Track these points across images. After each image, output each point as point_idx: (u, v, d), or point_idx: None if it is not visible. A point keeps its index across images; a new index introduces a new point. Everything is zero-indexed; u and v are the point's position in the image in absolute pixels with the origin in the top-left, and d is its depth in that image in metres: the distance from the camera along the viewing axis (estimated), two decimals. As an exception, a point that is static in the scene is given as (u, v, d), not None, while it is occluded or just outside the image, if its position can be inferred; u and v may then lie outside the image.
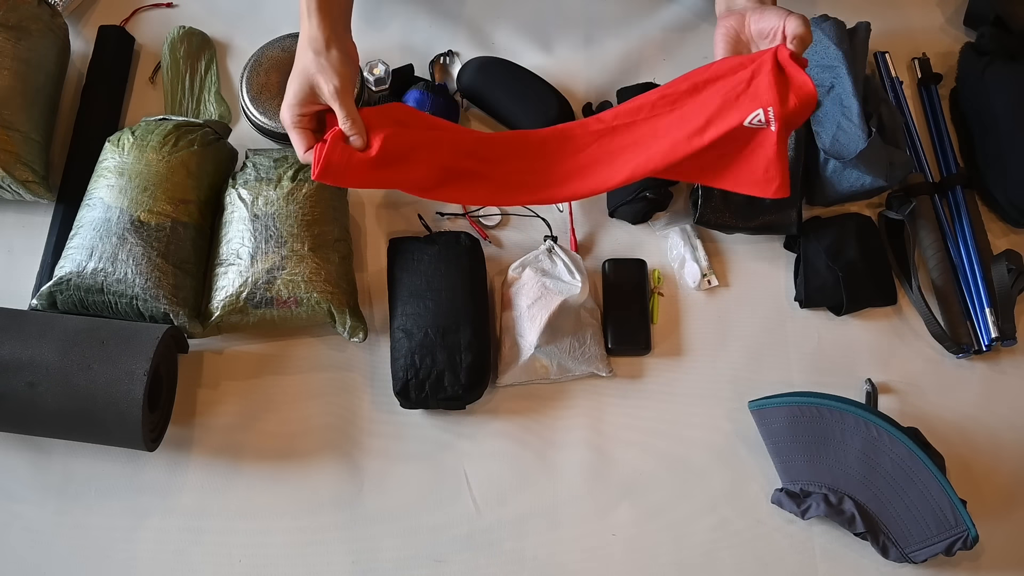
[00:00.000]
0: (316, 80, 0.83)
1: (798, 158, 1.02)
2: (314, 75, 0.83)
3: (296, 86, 0.84)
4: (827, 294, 1.00)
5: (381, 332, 1.00)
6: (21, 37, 1.02)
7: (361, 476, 0.94)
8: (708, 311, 1.02)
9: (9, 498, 0.93)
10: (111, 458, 0.94)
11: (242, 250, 0.94)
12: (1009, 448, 0.96)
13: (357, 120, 0.83)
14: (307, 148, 0.85)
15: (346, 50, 0.86)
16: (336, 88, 0.82)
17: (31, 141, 1.01)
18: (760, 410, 0.94)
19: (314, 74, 0.83)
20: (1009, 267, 0.99)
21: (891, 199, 1.05)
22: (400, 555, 0.91)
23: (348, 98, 0.83)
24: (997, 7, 1.10)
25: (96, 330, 0.89)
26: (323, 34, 0.84)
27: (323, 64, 0.83)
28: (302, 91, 0.84)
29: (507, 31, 1.16)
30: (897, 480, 0.88)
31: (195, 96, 1.10)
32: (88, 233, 0.93)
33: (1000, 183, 1.03)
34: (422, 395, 0.93)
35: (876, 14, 1.11)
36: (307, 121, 0.85)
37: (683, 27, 1.17)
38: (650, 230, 1.06)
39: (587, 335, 0.97)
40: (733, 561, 0.92)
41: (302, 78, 0.84)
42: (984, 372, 1.00)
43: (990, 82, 1.06)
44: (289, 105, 0.85)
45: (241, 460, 0.95)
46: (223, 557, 0.91)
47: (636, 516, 0.93)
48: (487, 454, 0.95)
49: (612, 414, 0.97)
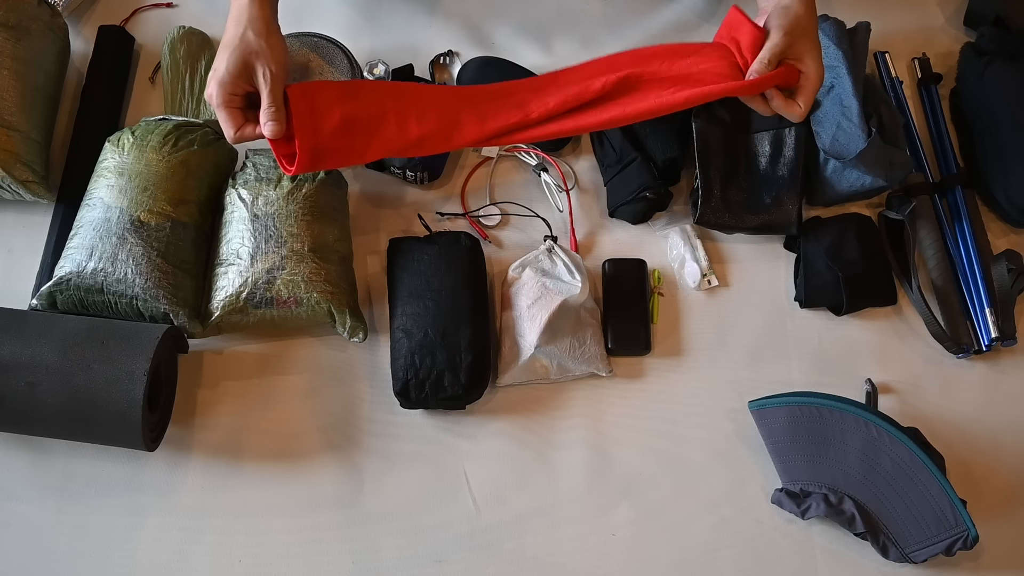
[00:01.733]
0: (253, 61, 0.82)
1: (798, 158, 1.02)
2: (253, 56, 0.82)
3: (230, 63, 0.82)
4: (827, 294, 1.00)
5: (381, 332, 1.00)
6: (21, 37, 1.02)
7: (361, 476, 0.94)
8: (708, 311, 1.02)
9: (9, 498, 0.93)
10: (111, 458, 0.94)
11: (242, 250, 0.94)
12: (1009, 448, 0.96)
13: (280, 108, 0.82)
14: (236, 128, 0.83)
15: (280, 34, 0.86)
16: (272, 73, 0.82)
17: (31, 141, 1.01)
18: (760, 410, 0.94)
19: (253, 54, 0.82)
20: (1009, 267, 0.99)
21: (891, 199, 1.05)
22: (400, 555, 0.91)
23: (279, 87, 0.83)
24: (997, 7, 1.10)
25: (96, 330, 0.89)
26: (263, 15, 0.83)
27: (263, 46, 0.82)
28: (235, 69, 0.82)
29: (507, 31, 1.16)
30: (897, 480, 0.88)
31: (195, 96, 1.10)
32: (88, 233, 0.93)
33: (1000, 183, 1.03)
34: (422, 395, 0.93)
35: (876, 14, 1.11)
36: (239, 100, 0.84)
37: (683, 27, 1.17)
38: (650, 230, 1.06)
39: (587, 335, 0.97)
40: (733, 561, 0.92)
41: (237, 56, 0.82)
42: (984, 372, 1.00)
43: (990, 82, 1.06)
44: (221, 83, 0.82)
45: (241, 460, 0.95)
46: (223, 557, 0.91)
47: (636, 516, 0.93)
48: (487, 454, 0.95)
49: (612, 414, 0.97)
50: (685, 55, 0.91)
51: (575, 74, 0.92)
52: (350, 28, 1.14)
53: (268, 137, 0.83)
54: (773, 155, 1.03)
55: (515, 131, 0.90)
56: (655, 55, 0.91)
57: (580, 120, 0.90)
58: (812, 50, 0.86)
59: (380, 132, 0.86)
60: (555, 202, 1.07)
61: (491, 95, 0.92)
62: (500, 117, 0.90)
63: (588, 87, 0.89)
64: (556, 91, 0.91)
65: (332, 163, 0.88)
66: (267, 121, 0.82)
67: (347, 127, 0.84)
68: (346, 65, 1.05)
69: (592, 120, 0.90)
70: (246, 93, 0.85)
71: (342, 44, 1.07)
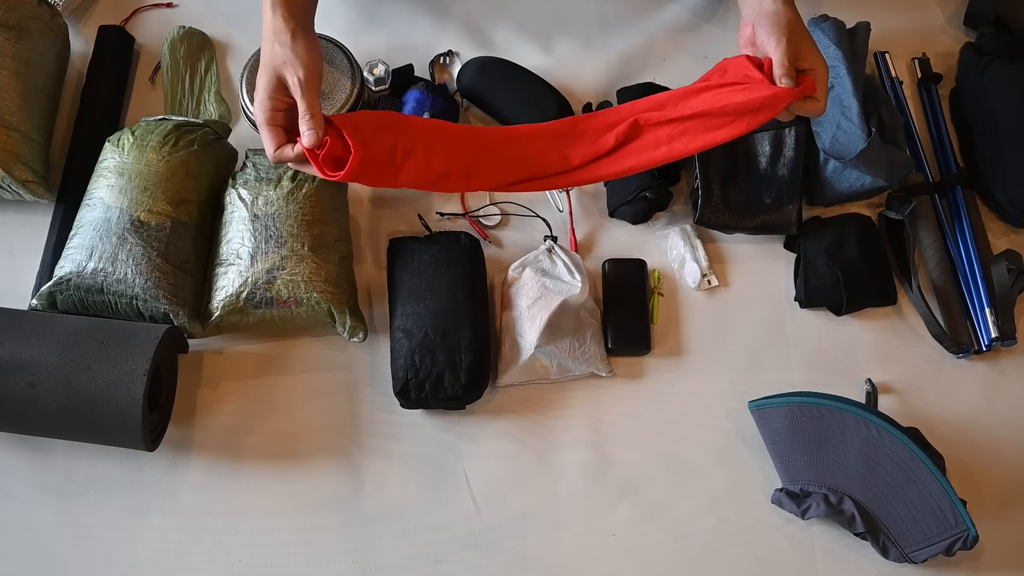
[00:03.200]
0: (283, 72, 0.81)
1: (798, 158, 1.02)
2: (280, 67, 0.81)
3: (264, 80, 0.82)
4: (827, 294, 1.00)
5: (381, 332, 1.00)
6: (21, 37, 1.02)
7: (361, 476, 0.94)
8: (708, 311, 1.02)
9: (9, 498, 0.93)
10: (111, 458, 0.94)
11: (242, 250, 0.94)
12: (1009, 448, 0.96)
13: (317, 115, 0.80)
14: (277, 146, 0.82)
15: (312, 42, 0.84)
16: (301, 80, 0.80)
17: (31, 141, 1.01)
18: (760, 410, 0.94)
19: (280, 65, 0.81)
20: (1009, 267, 0.99)
21: (891, 199, 1.05)
22: (400, 555, 0.91)
23: (312, 92, 0.81)
24: (997, 7, 1.10)
25: (96, 330, 0.89)
26: (288, 26, 0.82)
27: (289, 55, 0.81)
28: (270, 84, 0.82)
29: (507, 31, 1.16)
30: (897, 480, 0.88)
31: (195, 96, 1.10)
32: (88, 233, 0.93)
33: (1000, 183, 1.03)
34: (422, 395, 0.93)
35: (876, 14, 1.11)
36: (280, 118, 0.83)
37: (683, 27, 1.17)
38: (650, 230, 1.06)
39: (587, 335, 0.97)
40: (733, 561, 0.92)
41: (269, 71, 0.82)
42: (984, 372, 1.00)
43: (990, 82, 1.06)
44: (260, 100, 0.82)
45: (241, 460, 0.95)
46: (223, 557, 0.91)
47: (636, 516, 0.93)
48: (487, 454, 0.95)
49: (612, 414, 0.97)
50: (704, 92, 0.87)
51: (600, 121, 0.89)
52: (350, 28, 1.14)
53: (306, 147, 0.80)
54: (773, 155, 1.03)
55: (530, 180, 0.89)
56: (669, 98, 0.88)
57: (599, 171, 0.88)
58: (810, 45, 0.86)
59: (410, 160, 0.84)
60: (555, 202, 1.07)
61: (511, 139, 0.89)
62: (516, 171, 0.88)
63: (605, 142, 0.87)
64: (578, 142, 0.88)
65: (370, 178, 0.85)
66: (306, 130, 0.80)
67: (388, 149, 0.83)
68: (346, 65, 1.06)
69: (612, 170, 0.88)
70: (288, 108, 0.83)
71: (342, 44, 1.07)
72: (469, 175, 0.87)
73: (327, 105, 1.03)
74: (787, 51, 0.83)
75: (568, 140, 0.88)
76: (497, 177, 0.88)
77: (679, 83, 1.08)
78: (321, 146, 0.80)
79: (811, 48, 0.85)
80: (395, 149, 0.84)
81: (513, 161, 0.88)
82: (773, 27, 0.84)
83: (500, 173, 0.88)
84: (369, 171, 0.83)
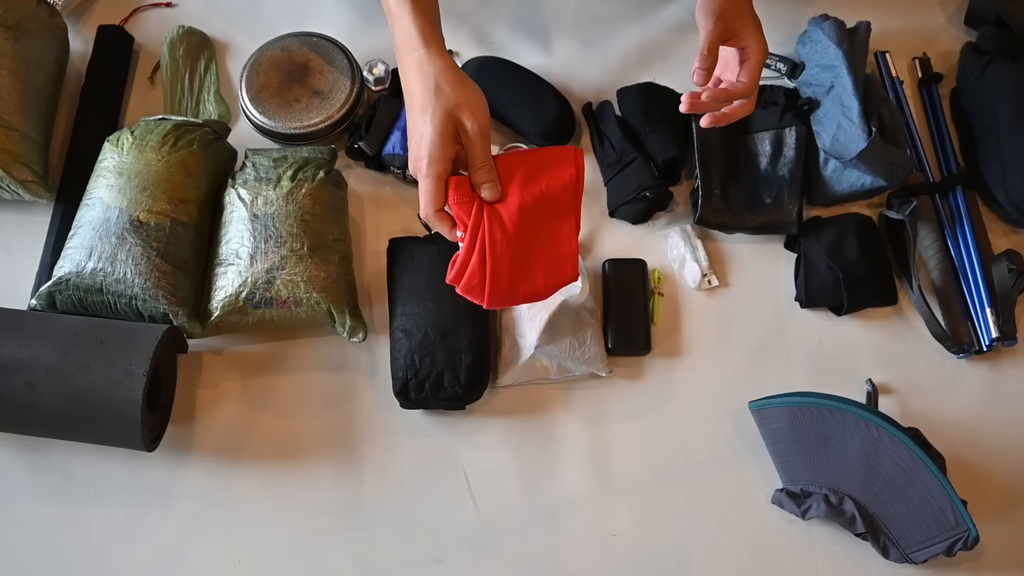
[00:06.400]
0: (459, 115, 0.69)
1: (799, 158, 1.02)
2: (456, 110, 0.70)
3: (437, 123, 0.69)
4: (827, 294, 1.00)
5: (381, 332, 1.00)
6: (20, 37, 1.02)
7: (361, 476, 0.94)
8: (708, 311, 1.02)
9: (8, 498, 0.93)
10: (111, 458, 0.94)
11: (241, 250, 0.94)
12: (1010, 448, 0.96)
13: (494, 167, 0.69)
14: (442, 206, 0.71)
15: (474, 83, 0.72)
16: (480, 127, 0.69)
17: (30, 141, 1.01)
18: (760, 410, 0.94)
19: (457, 108, 0.69)
20: (1010, 267, 0.98)
21: (891, 199, 1.05)
22: (400, 555, 0.91)
23: (488, 142, 0.70)
24: (998, 7, 1.10)
25: (95, 330, 0.88)
26: (449, 62, 0.70)
27: (464, 98, 0.69)
28: (445, 131, 0.69)
29: (507, 31, 1.16)
30: (897, 480, 0.88)
31: (194, 96, 1.10)
32: (87, 233, 0.92)
33: (1000, 183, 1.03)
34: (422, 395, 0.93)
35: (876, 14, 1.11)
36: (450, 169, 0.71)
37: (683, 27, 1.17)
38: (650, 230, 1.06)
39: (587, 335, 0.97)
40: (733, 561, 0.92)
41: (441, 115, 0.69)
42: (985, 372, 1.00)
43: (991, 82, 1.06)
44: (433, 148, 0.69)
45: (241, 460, 0.95)
46: (223, 557, 0.91)
47: (636, 516, 0.93)
48: (487, 454, 0.95)
49: (612, 414, 0.97)
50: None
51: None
52: (350, 28, 1.14)
53: (488, 200, 0.70)
54: (773, 155, 1.03)
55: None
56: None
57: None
58: (750, 25, 0.81)
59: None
60: (555, 202, 1.06)
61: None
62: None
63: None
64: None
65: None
66: (484, 182, 0.69)
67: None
68: (346, 65, 1.05)
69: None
70: (453, 159, 0.72)
71: (342, 44, 1.07)
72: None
73: (326, 105, 1.03)
74: (715, 32, 0.80)
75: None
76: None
77: (679, 83, 1.08)
78: (498, 199, 0.71)
79: (746, 25, 0.81)
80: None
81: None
82: (708, 6, 0.82)
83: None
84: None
